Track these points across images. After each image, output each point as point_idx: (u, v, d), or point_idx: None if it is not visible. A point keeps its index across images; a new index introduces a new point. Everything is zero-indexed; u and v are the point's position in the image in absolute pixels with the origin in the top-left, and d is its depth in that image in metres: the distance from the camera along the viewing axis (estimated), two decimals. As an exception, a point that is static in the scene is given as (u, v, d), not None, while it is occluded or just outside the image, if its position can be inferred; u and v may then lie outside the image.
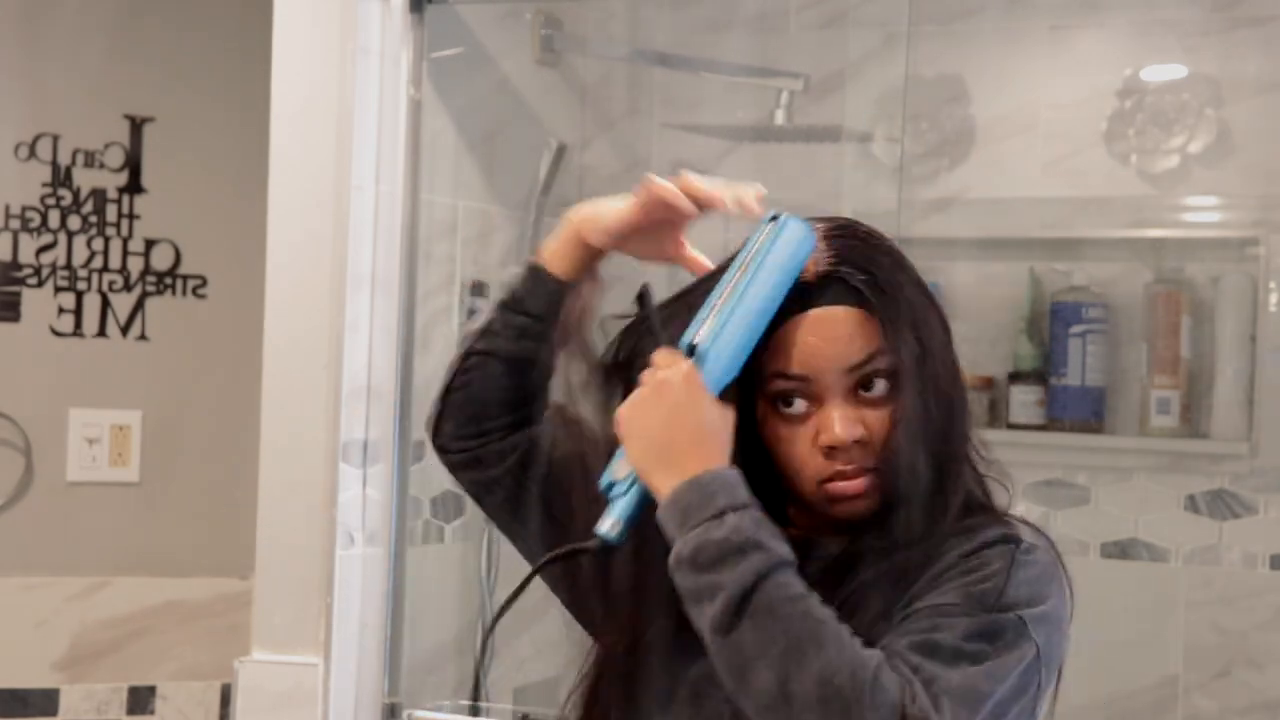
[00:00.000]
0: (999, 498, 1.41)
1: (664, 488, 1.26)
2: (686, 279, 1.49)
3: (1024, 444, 3.11)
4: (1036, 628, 1.26)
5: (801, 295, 1.32)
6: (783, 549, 1.24)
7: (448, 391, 1.48)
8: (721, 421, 1.29)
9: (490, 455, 1.48)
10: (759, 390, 1.33)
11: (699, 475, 1.25)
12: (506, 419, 1.47)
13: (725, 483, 1.25)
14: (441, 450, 1.51)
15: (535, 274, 1.46)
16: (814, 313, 1.32)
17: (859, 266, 1.34)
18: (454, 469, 1.51)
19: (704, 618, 1.23)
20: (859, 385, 1.32)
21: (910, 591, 1.28)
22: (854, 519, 1.33)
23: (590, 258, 1.47)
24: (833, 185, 3.20)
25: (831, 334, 1.31)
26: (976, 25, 3.22)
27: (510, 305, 1.46)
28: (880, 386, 1.32)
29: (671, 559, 1.25)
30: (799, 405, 1.32)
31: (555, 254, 1.46)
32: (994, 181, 3.15)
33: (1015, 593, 1.26)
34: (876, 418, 1.31)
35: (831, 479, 1.31)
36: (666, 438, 1.27)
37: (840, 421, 1.30)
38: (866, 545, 1.33)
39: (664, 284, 1.47)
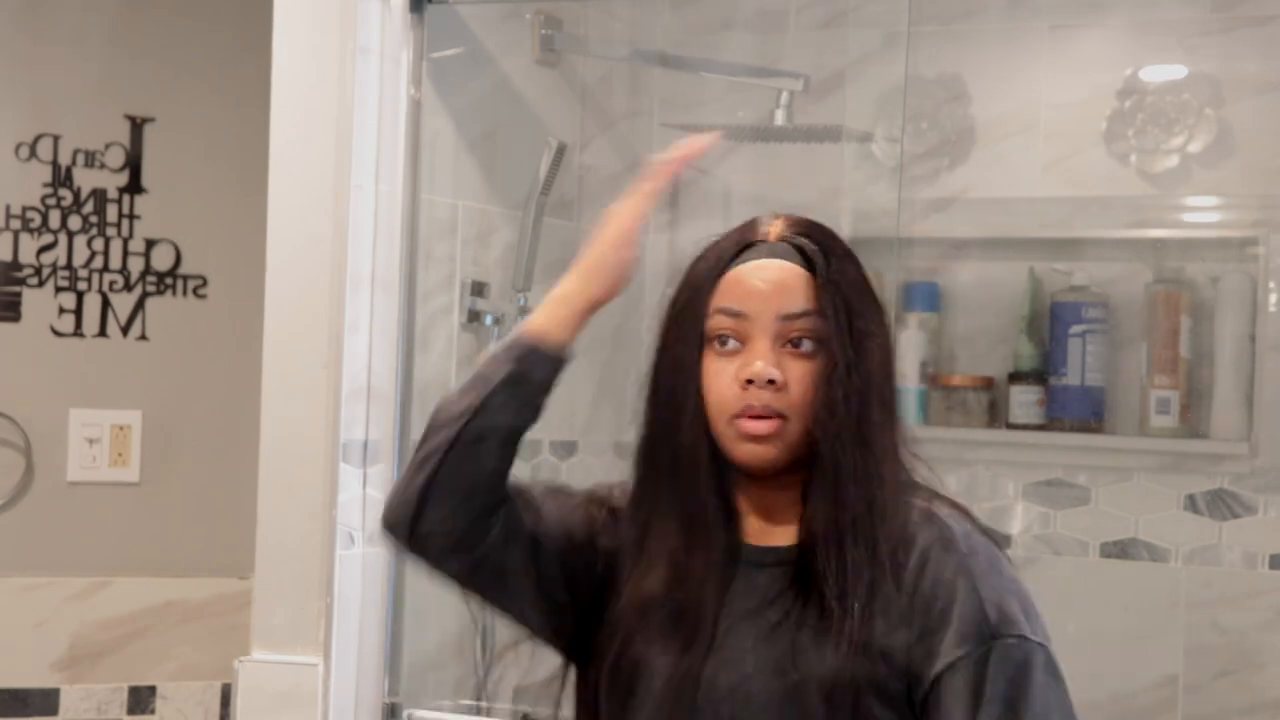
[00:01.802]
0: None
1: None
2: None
3: (1024, 444, 3.11)
4: (1034, 628, 1.36)
5: (753, 249, 1.46)
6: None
7: (435, 476, 1.46)
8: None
9: (482, 532, 1.48)
10: (700, 328, 1.44)
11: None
12: (500, 494, 1.49)
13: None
14: (426, 537, 1.47)
15: (543, 353, 1.51)
16: (763, 261, 1.45)
17: (814, 240, 1.47)
18: (443, 555, 1.49)
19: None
20: (789, 339, 1.41)
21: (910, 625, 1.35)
22: (757, 464, 1.40)
23: (579, 327, 1.57)
24: (833, 185, 3.20)
25: (775, 281, 1.43)
26: (976, 25, 3.22)
27: (522, 382, 1.49)
28: (807, 345, 1.41)
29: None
30: (731, 344, 1.42)
31: (546, 333, 1.52)
32: (994, 181, 3.14)
33: (996, 612, 1.34)
34: (798, 370, 1.40)
35: (741, 414, 1.40)
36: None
37: (761, 359, 1.40)
38: (814, 535, 1.39)
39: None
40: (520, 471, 3.11)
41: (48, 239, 3.18)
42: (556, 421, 3.11)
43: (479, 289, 2.85)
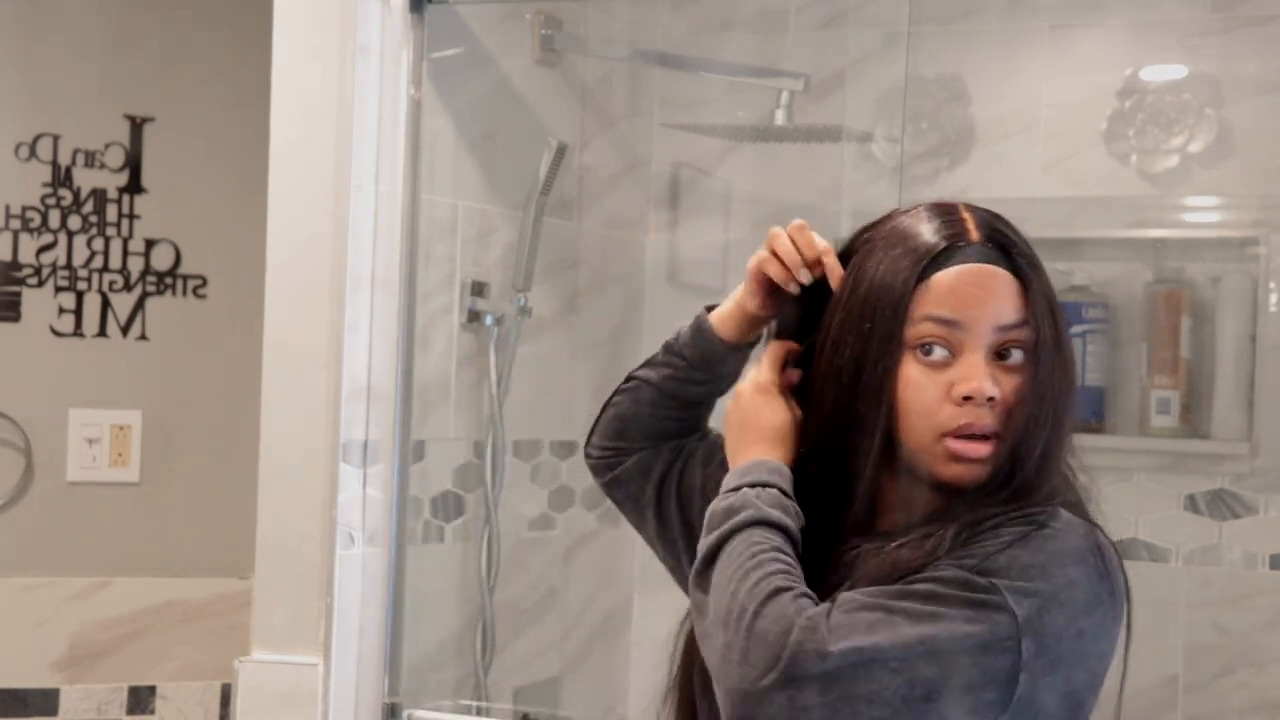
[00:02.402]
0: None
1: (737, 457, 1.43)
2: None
3: (1024, 444, 3.11)
4: (1019, 599, 1.25)
5: (960, 251, 1.36)
6: (773, 514, 1.33)
7: (604, 406, 1.65)
8: (785, 420, 1.42)
9: (627, 467, 1.63)
10: (900, 334, 1.34)
11: (746, 462, 1.40)
12: (644, 440, 1.61)
13: (762, 466, 1.38)
14: (586, 455, 1.70)
15: (699, 328, 1.55)
16: (976, 266, 1.35)
17: (1016, 242, 1.39)
18: (591, 472, 1.70)
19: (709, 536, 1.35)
20: (998, 350, 1.34)
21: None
22: (960, 484, 1.34)
23: (752, 327, 1.53)
24: (833, 185, 3.20)
25: (993, 289, 1.35)
26: (977, 25, 3.22)
27: (671, 347, 1.58)
28: (1016, 356, 1.35)
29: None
30: (938, 353, 1.34)
31: (722, 315, 1.54)
32: (994, 181, 3.15)
33: (1003, 564, 1.27)
34: (1008, 385, 1.34)
35: (956, 434, 1.33)
36: (737, 436, 1.44)
37: (980, 374, 1.32)
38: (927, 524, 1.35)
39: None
40: (520, 471, 3.13)
41: (47, 239, 3.18)
42: (557, 421, 3.12)
43: (479, 289, 2.85)
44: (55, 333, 3.18)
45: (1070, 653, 1.28)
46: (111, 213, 3.23)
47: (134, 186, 3.24)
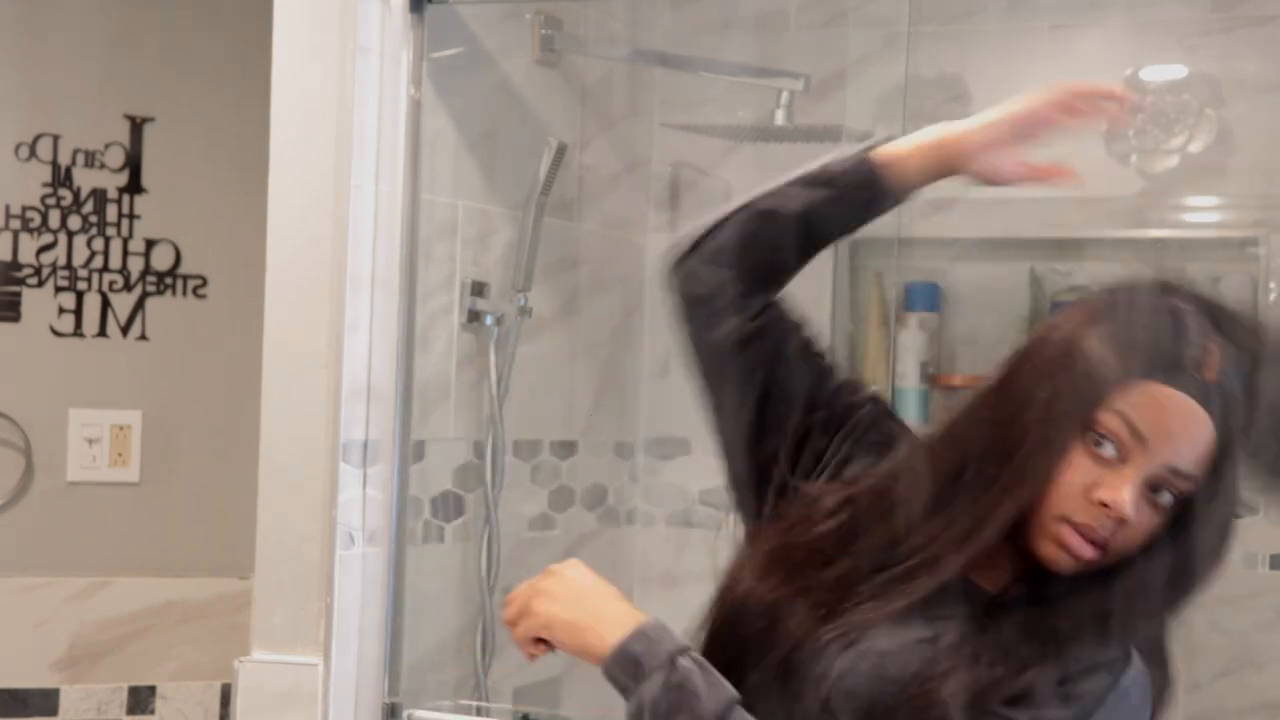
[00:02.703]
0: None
1: (610, 643, 1.34)
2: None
3: (1024, 444, 3.11)
4: None
5: (1190, 380, 1.33)
6: (729, 688, 1.32)
7: (713, 228, 1.56)
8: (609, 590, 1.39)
9: (723, 301, 1.52)
10: (1092, 407, 1.32)
11: (642, 626, 1.34)
12: (764, 281, 1.53)
13: (661, 628, 1.35)
14: (682, 278, 1.58)
15: (865, 168, 1.51)
16: (1193, 405, 1.33)
17: (1239, 401, 1.36)
18: (683, 300, 1.56)
19: None
20: (1155, 483, 1.33)
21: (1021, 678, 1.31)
22: (1049, 566, 1.35)
23: (932, 179, 1.51)
24: (833, 185, 3.20)
25: (1188, 433, 1.33)
26: (977, 25, 3.22)
27: (819, 180, 1.53)
28: (1166, 499, 1.35)
29: (634, 705, 1.33)
30: (1107, 450, 1.32)
31: (900, 161, 1.52)
32: (994, 181, 3.14)
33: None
34: (1144, 517, 1.34)
35: (1076, 526, 1.32)
36: (594, 607, 1.37)
37: (1132, 495, 1.31)
38: (1006, 604, 1.36)
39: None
40: (520, 471, 3.13)
41: (47, 239, 3.18)
42: (557, 421, 3.12)
43: (479, 289, 2.85)
44: (55, 333, 3.18)
45: None
46: (111, 213, 3.23)
47: (134, 186, 3.24)
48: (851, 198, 1.51)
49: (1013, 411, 1.35)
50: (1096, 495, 1.31)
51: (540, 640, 1.39)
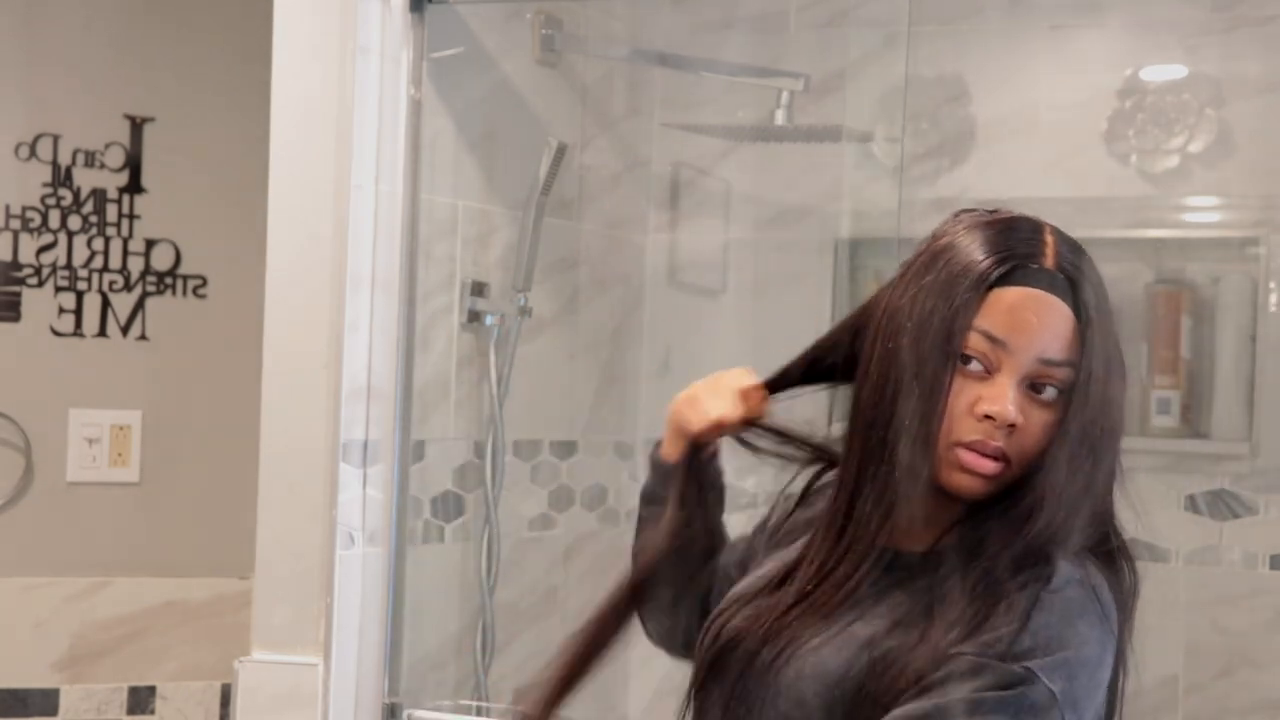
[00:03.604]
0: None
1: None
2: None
3: (1024, 444, 3.11)
4: (1051, 675, 1.28)
5: (1031, 272, 1.35)
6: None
7: (639, 601, 1.58)
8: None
9: (693, 627, 1.57)
10: (953, 340, 1.34)
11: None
12: (690, 604, 1.61)
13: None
14: (658, 644, 1.69)
15: (656, 466, 1.61)
16: (1041, 293, 1.35)
17: (1088, 282, 1.38)
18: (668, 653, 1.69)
19: None
20: (1034, 381, 1.35)
21: (959, 616, 1.31)
22: (962, 493, 1.36)
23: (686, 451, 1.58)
24: (833, 185, 3.20)
25: (1048, 321, 1.35)
26: (976, 25, 3.22)
27: (646, 496, 1.62)
28: (1049, 393, 1.36)
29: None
30: (976, 367, 1.35)
31: (667, 445, 1.60)
32: (994, 181, 3.14)
33: (1028, 644, 1.29)
34: (1035, 418, 1.35)
35: (969, 446, 1.34)
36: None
37: (1011, 400, 1.33)
38: (940, 557, 1.37)
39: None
40: (520, 471, 3.13)
41: (47, 239, 3.18)
42: (557, 421, 3.12)
43: (479, 289, 2.85)
44: (55, 333, 3.18)
45: (1091, 705, 1.35)
46: (111, 213, 3.23)
47: (134, 186, 3.24)
48: (673, 494, 1.57)
49: (885, 379, 1.37)
50: (979, 410, 1.33)
51: None
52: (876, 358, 1.38)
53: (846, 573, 1.37)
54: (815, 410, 1.54)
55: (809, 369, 1.50)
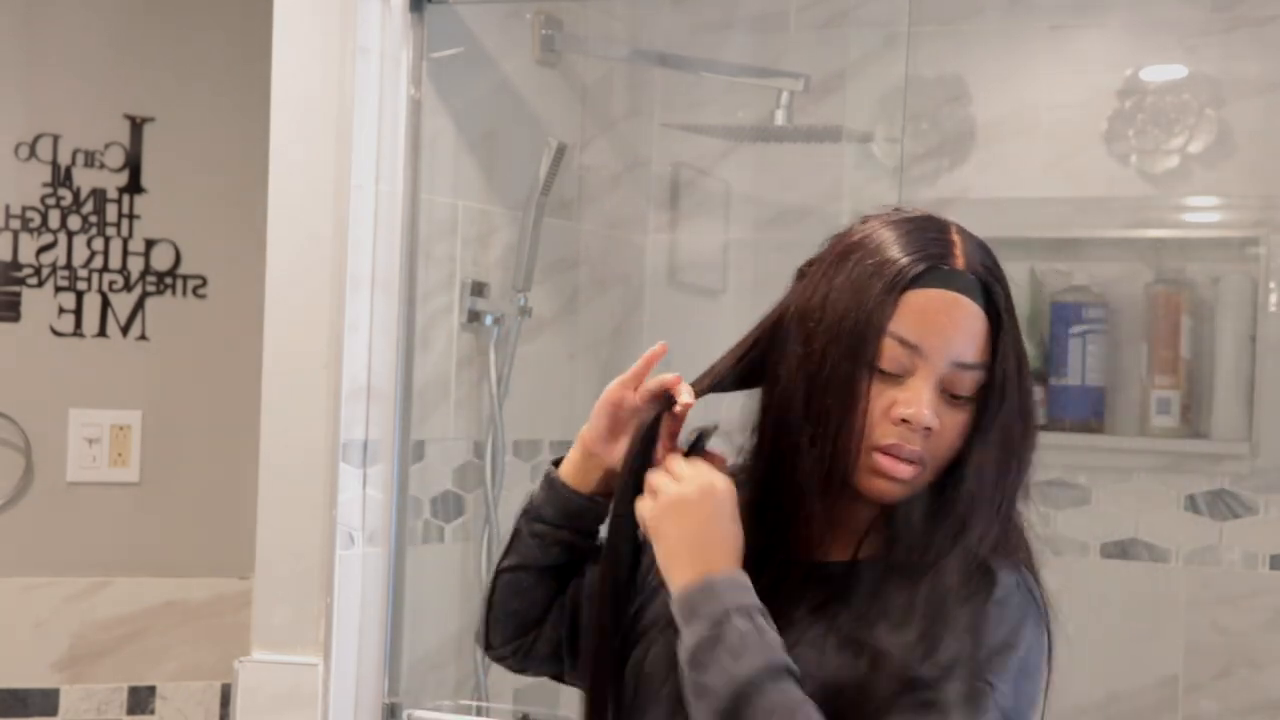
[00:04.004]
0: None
1: (680, 580, 1.33)
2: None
3: (1024, 444, 3.11)
4: (1008, 680, 1.29)
5: (943, 274, 1.34)
6: (782, 655, 1.28)
7: (489, 608, 1.55)
8: (739, 534, 1.35)
9: (538, 650, 1.55)
10: (874, 346, 1.33)
11: (711, 575, 1.32)
12: (543, 620, 1.54)
13: (734, 583, 1.31)
14: (495, 657, 1.60)
15: (551, 484, 1.53)
16: (954, 295, 1.35)
17: (998, 282, 1.38)
18: (511, 669, 1.60)
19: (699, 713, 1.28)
20: (947, 383, 1.34)
21: (905, 631, 1.30)
22: (879, 498, 1.35)
23: (597, 467, 1.49)
24: (833, 185, 3.20)
25: (962, 323, 1.34)
26: (977, 25, 3.22)
27: (530, 512, 1.55)
28: (964, 393, 1.34)
29: (680, 653, 1.31)
30: (890, 369, 1.33)
31: (568, 466, 1.52)
32: (994, 181, 3.15)
33: (985, 654, 1.29)
34: (948, 420, 1.34)
35: (886, 450, 1.33)
36: (700, 539, 1.34)
37: (927, 403, 1.32)
38: (868, 568, 1.35)
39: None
40: (520, 471, 3.13)
41: (47, 239, 3.18)
42: (557, 421, 3.12)
43: (479, 289, 2.85)
44: (55, 333, 3.18)
45: (1039, 701, 1.35)
46: (111, 213, 3.22)
47: (134, 186, 3.24)
48: (570, 522, 1.52)
49: (795, 383, 1.35)
50: (895, 414, 1.33)
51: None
52: (787, 361, 1.37)
53: (765, 588, 1.34)
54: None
55: (737, 371, 1.43)
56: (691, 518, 1.34)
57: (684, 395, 1.40)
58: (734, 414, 1.45)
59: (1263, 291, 3.01)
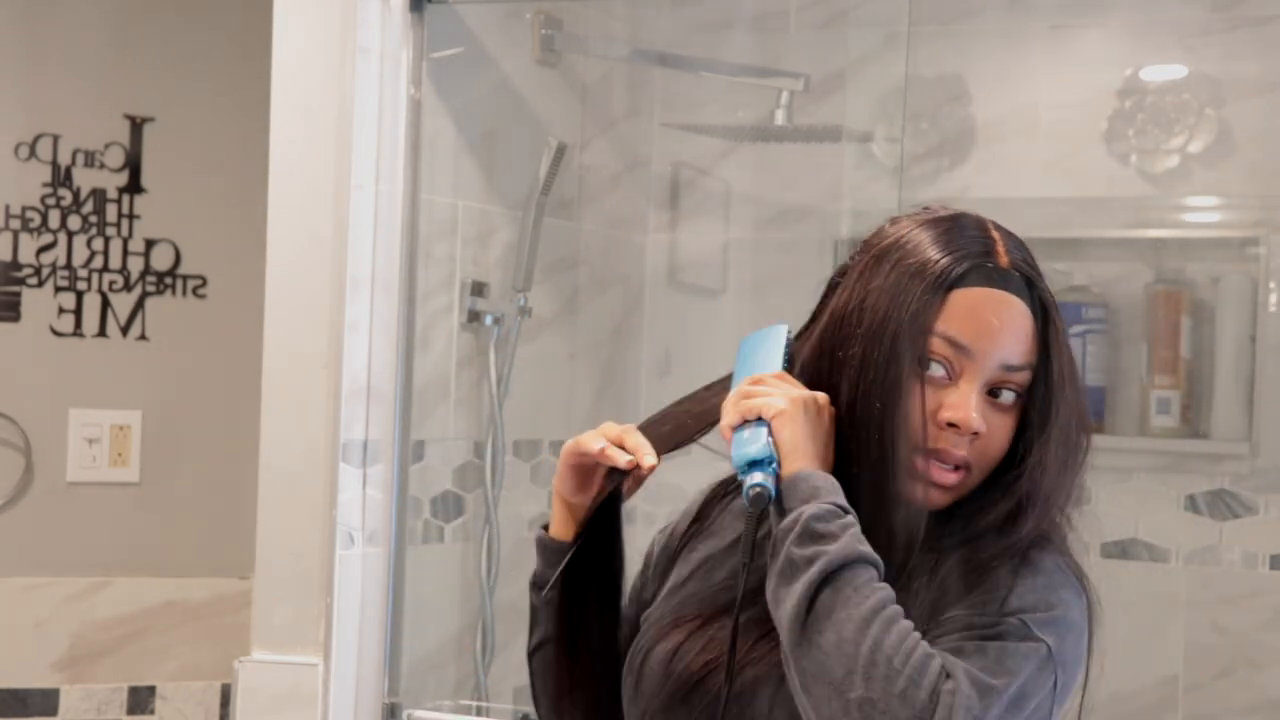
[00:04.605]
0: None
1: (805, 465, 1.27)
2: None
3: (1024, 444, 3.11)
4: (1044, 629, 1.26)
5: (988, 272, 1.31)
6: (877, 558, 1.25)
7: (534, 701, 1.49)
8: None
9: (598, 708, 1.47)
10: (911, 342, 1.29)
11: (829, 474, 1.28)
12: (590, 689, 1.45)
13: (839, 489, 1.27)
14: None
15: (544, 547, 1.44)
16: (1002, 293, 1.31)
17: (1040, 277, 1.35)
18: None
19: (797, 579, 1.22)
20: (993, 386, 1.31)
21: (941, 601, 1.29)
22: (922, 505, 1.31)
23: (574, 514, 1.43)
24: (833, 185, 3.20)
25: (1010, 323, 1.31)
26: (977, 25, 3.22)
27: (536, 581, 1.45)
28: (1008, 398, 1.32)
29: (789, 521, 1.24)
30: (937, 371, 1.30)
31: (554, 523, 1.45)
32: (994, 181, 3.14)
33: (1015, 605, 1.27)
34: (995, 422, 1.31)
35: (931, 455, 1.30)
36: (816, 436, 1.28)
37: (975, 407, 1.29)
38: (917, 564, 1.32)
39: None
40: (520, 471, 3.13)
41: (47, 239, 3.18)
42: (557, 421, 3.12)
43: (479, 289, 2.85)
44: (55, 333, 3.18)
45: (1077, 671, 1.31)
46: (111, 213, 3.23)
47: (134, 186, 3.24)
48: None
49: (837, 390, 1.31)
50: (942, 418, 1.29)
51: (747, 422, 1.30)
52: (827, 369, 1.33)
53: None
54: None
55: None
56: (810, 420, 1.30)
57: (648, 460, 1.35)
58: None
59: (1263, 291, 3.00)
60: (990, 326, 1.30)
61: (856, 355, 1.31)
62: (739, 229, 3.33)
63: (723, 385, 1.40)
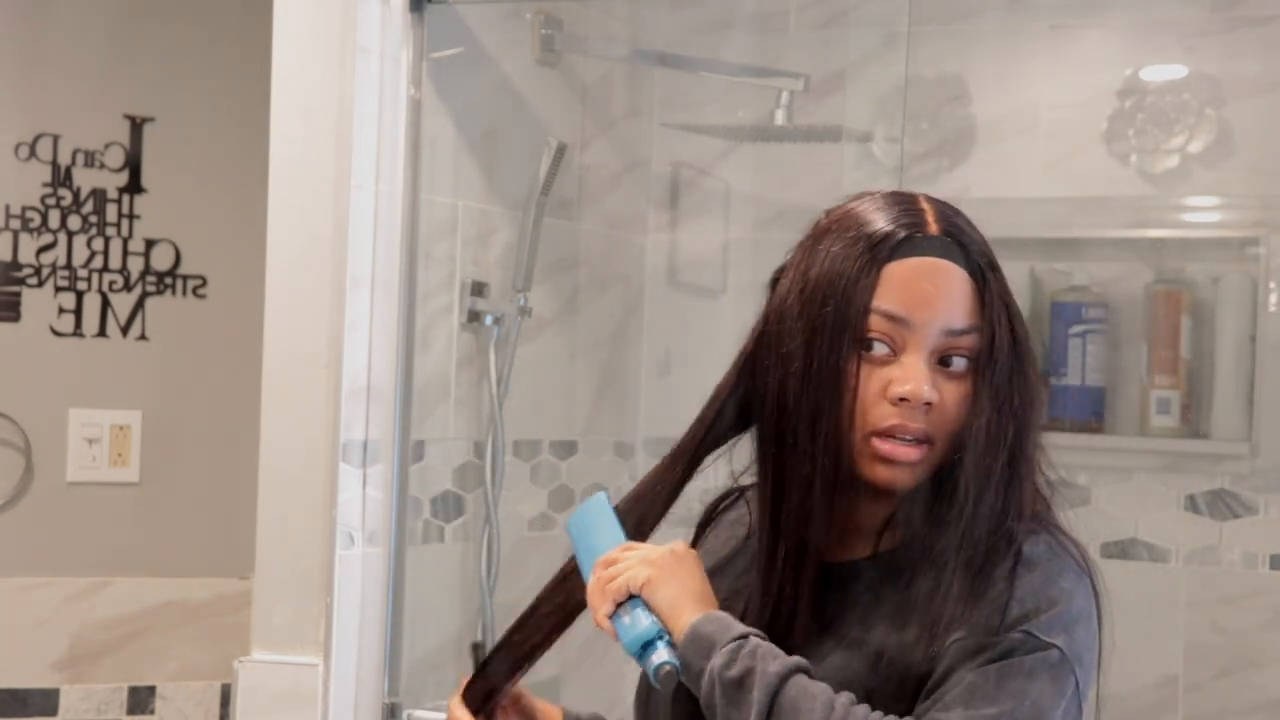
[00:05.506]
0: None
1: (689, 616, 1.29)
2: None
3: (1024, 444, 3.11)
4: (1051, 633, 1.26)
5: (919, 242, 1.30)
6: (796, 659, 1.26)
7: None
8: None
9: None
10: (858, 325, 1.29)
11: (713, 612, 1.30)
12: None
13: (728, 621, 1.29)
14: None
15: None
16: (933, 261, 1.31)
17: (975, 240, 1.34)
18: None
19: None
20: (942, 355, 1.30)
21: (944, 614, 1.28)
22: (889, 486, 1.31)
23: None
24: (833, 185, 3.20)
25: (946, 289, 1.30)
26: (977, 25, 3.22)
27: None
28: (959, 364, 1.30)
29: (707, 685, 1.26)
30: (879, 349, 1.29)
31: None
32: (994, 181, 3.14)
33: (1017, 613, 1.26)
34: (949, 391, 1.30)
35: (886, 434, 1.29)
36: (688, 583, 1.31)
37: (920, 377, 1.28)
38: (912, 553, 1.32)
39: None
40: (520, 471, 3.13)
41: (47, 239, 3.18)
42: (556, 421, 3.12)
43: (479, 289, 2.85)
44: (55, 333, 3.18)
45: (1092, 657, 1.32)
46: (111, 213, 3.23)
47: (134, 186, 3.24)
48: None
49: (785, 383, 1.31)
50: (893, 393, 1.28)
51: (620, 605, 1.33)
52: (772, 365, 1.33)
53: (792, 596, 1.32)
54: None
55: (731, 410, 1.39)
56: (669, 566, 1.33)
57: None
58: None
59: (1263, 291, 3.00)
60: (926, 294, 1.29)
61: (799, 345, 1.31)
62: (739, 229, 3.33)
63: (563, 577, 1.45)
